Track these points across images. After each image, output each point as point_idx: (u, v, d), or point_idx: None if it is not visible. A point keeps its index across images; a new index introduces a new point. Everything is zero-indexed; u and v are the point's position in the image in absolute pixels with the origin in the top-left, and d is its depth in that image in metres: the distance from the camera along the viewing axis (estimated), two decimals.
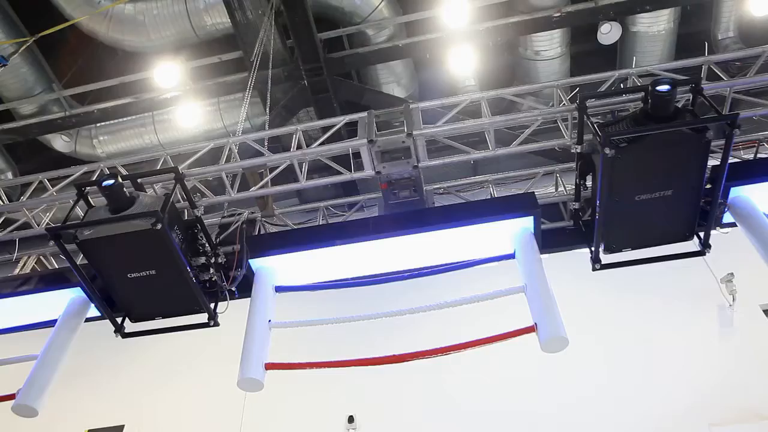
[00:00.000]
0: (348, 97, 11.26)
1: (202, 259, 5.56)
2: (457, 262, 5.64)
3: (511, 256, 5.28)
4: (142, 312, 5.58)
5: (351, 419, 9.07)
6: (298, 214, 8.14)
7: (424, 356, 4.53)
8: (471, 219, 5.42)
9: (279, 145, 9.68)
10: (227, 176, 6.36)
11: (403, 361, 4.69)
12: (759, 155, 6.95)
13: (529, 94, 6.44)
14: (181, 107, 11.29)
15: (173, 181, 5.45)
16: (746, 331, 9.05)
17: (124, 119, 11.93)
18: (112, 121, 11.96)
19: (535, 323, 4.53)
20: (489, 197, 6.79)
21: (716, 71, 6.27)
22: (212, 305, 5.60)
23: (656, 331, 9.11)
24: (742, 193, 5.42)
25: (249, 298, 5.50)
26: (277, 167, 6.47)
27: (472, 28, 10.68)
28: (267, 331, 5.13)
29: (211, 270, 5.61)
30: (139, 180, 5.59)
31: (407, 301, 5.25)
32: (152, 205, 5.01)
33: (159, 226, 4.76)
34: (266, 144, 6.62)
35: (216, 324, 5.62)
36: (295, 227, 7.17)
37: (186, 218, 5.70)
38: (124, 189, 5.04)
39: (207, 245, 5.67)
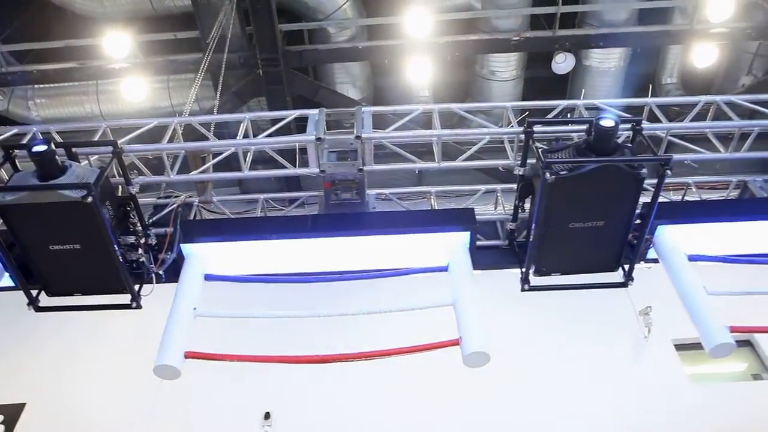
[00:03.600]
0: (302, 92, 11.18)
1: (132, 239, 5.38)
2: (391, 269, 5.66)
3: (444, 269, 5.35)
4: (60, 286, 5.34)
5: (267, 416, 8.98)
6: (237, 203, 7.97)
7: (348, 359, 4.53)
8: (409, 228, 5.47)
9: (226, 131, 9.52)
10: (168, 157, 6.18)
11: (325, 362, 4.68)
12: (686, 198, 7.30)
13: (480, 112, 6.56)
14: (128, 80, 10.91)
15: (110, 154, 5.25)
16: (657, 363, 9.49)
17: (66, 84, 11.46)
18: (52, 85, 11.45)
19: (460, 337, 4.61)
20: (429, 209, 6.85)
21: (657, 113, 6.55)
22: (136, 287, 5.42)
23: (574, 355, 9.44)
24: (667, 232, 5.67)
25: (176, 284, 5.36)
26: (221, 154, 6.34)
27: (433, 40, 10.80)
28: (191, 318, 5.00)
29: (140, 251, 5.43)
30: (73, 149, 5.35)
31: (338, 303, 5.25)
32: (85, 177, 4.80)
33: (90, 200, 4.57)
34: (212, 129, 6.48)
35: (138, 306, 5.44)
36: (233, 216, 7.03)
37: (120, 195, 5.50)
38: (57, 156, 4.82)
39: (138, 225, 5.48)
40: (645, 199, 5.27)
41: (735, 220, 5.83)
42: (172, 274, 5.57)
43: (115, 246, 5.03)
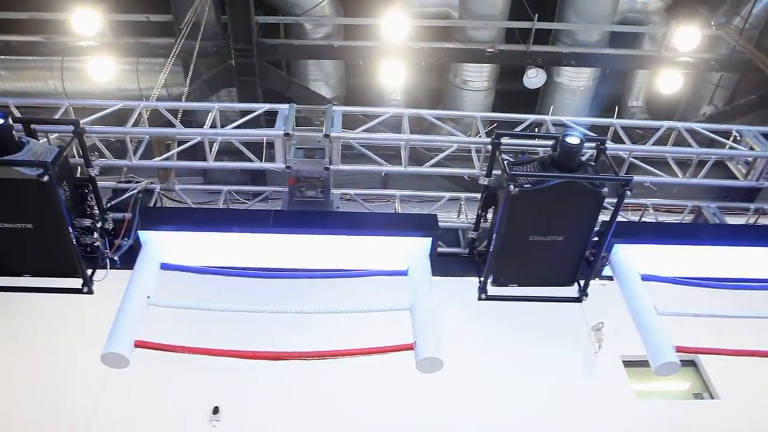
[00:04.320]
0: (273, 86, 11.09)
1: (88, 222, 5.24)
2: (351, 270, 5.65)
3: (404, 273, 5.37)
4: (8, 266, 5.16)
5: (216, 410, 8.86)
6: (200, 193, 7.86)
7: (301, 358, 4.50)
8: (372, 230, 5.47)
9: (193, 119, 9.39)
10: (132, 141, 6.06)
11: (279, 360, 4.65)
12: (644, 219, 7.49)
13: (450, 120, 6.62)
14: (95, 59, 10.65)
15: (71, 134, 5.11)
16: (605, 378, 9.70)
17: (30, 58, 11.11)
18: (14, 57, 11.08)
19: (415, 342, 4.63)
20: (393, 212, 6.87)
21: (621, 134, 6.71)
22: (89, 271, 5.29)
23: (526, 366, 9.58)
24: (623, 251, 5.80)
25: (131, 271, 5.24)
26: (187, 142, 6.25)
27: (408, 45, 10.85)
28: (144, 307, 4.90)
29: (95, 234, 5.30)
30: (32, 125, 5.19)
31: (296, 300, 5.21)
32: (43, 155, 4.67)
33: (46, 179, 4.44)
34: (179, 116, 6.38)
35: (90, 291, 5.31)
36: (194, 206, 6.93)
37: (78, 176, 5.36)
38: (14, 132, 4.67)
39: (96, 208, 5.35)
40: (604, 217, 5.39)
41: (688, 243, 5.99)
42: (128, 261, 5.44)
43: (70, 228, 4.90)
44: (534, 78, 11.32)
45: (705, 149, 6.66)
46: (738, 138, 6.87)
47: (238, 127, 6.16)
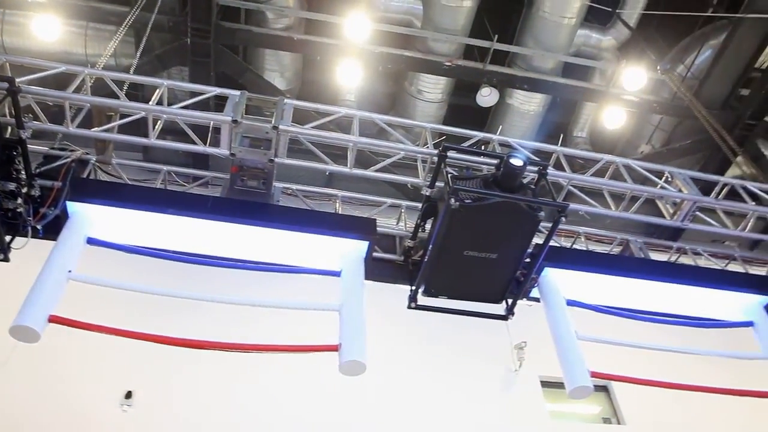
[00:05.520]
0: (227, 70, 10.88)
1: (12, 186, 5.00)
2: (285, 266, 5.60)
3: (337, 274, 5.35)
4: None
5: (129, 395, 8.58)
6: (138, 170, 7.60)
7: (223, 348, 4.42)
8: (310, 227, 5.44)
9: (139, 94, 9.10)
10: (70, 107, 5.81)
11: (200, 348, 4.55)
12: (575, 246, 7.74)
13: (400, 127, 6.65)
14: (41, 17, 10.15)
15: (5, 91, 4.85)
16: (522, 396, 9.94)
17: None
18: None
19: (340, 343, 4.62)
20: (333, 212, 6.85)
21: (563, 162, 6.91)
22: (8, 238, 5.04)
23: (447, 378, 9.71)
24: (552, 275, 5.97)
25: (54, 242, 5.02)
26: (130, 116, 6.04)
27: (368, 48, 10.86)
28: (63, 281, 4.70)
29: (19, 200, 5.06)
30: None
31: (226, 290, 5.11)
32: None
33: None
34: (125, 88, 6.16)
35: (5, 259, 5.07)
36: (130, 182, 6.70)
37: (7, 137, 5.10)
38: None
39: (23, 172, 5.11)
40: (537, 240, 5.54)
41: (614, 274, 6.23)
42: (52, 231, 5.22)
43: None
44: (487, 97, 11.54)
45: (638, 186, 6.95)
46: (669, 179, 7.21)
47: (185, 107, 6.00)
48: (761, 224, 7.93)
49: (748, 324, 6.36)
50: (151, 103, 5.98)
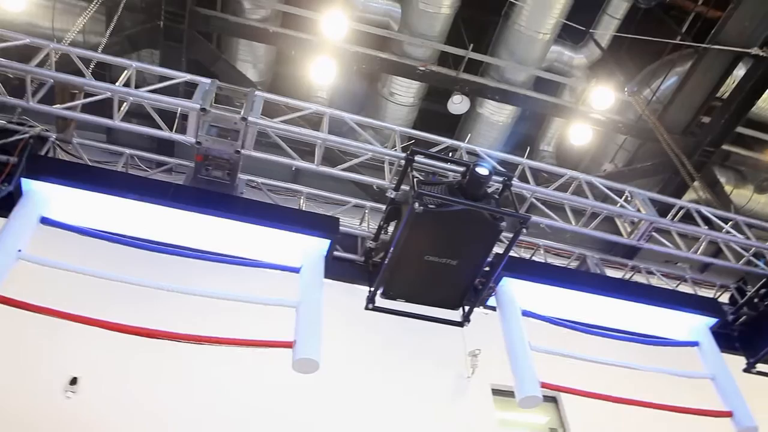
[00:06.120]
0: (200, 57, 10.71)
1: None
2: (244, 259, 5.54)
3: (297, 270, 5.32)
4: None
5: (74, 381, 8.35)
6: (100, 152, 7.42)
7: (174, 338, 4.35)
8: (273, 222, 5.38)
9: (107, 74, 8.86)
10: (32, 81, 5.64)
11: (152, 337, 4.46)
12: (534, 258, 7.86)
13: (370, 128, 6.66)
14: None
15: None
16: (473, 403, 10.04)
17: None
18: None
19: (295, 340, 4.60)
20: (296, 208, 6.80)
21: (527, 174, 7.02)
22: None
23: (399, 381, 9.74)
24: (510, 285, 6.05)
25: (5, 219, 4.86)
26: (95, 95, 5.90)
27: (344, 47, 10.84)
28: (12, 259, 4.55)
29: None
30: None
31: (182, 279, 5.02)
32: None
33: None
34: (92, 67, 6.01)
35: None
36: (91, 164, 6.54)
37: None
38: None
39: None
40: (498, 249, 5.61)
41: (570, 287, 6.35)
42: (5, 208, 5.05)
43: None
44: (458, 104, 11.63)
45: (599, 203, 7.10)
46: (629, 198, 7.38)
47: (154, 91, 5.89)
48: (712, 248, 8.18)
49: (694, 344, 6.55)
50: (118, 84, 5.85)
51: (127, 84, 5.90)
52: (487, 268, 5.74)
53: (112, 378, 8.56)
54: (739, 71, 11.35)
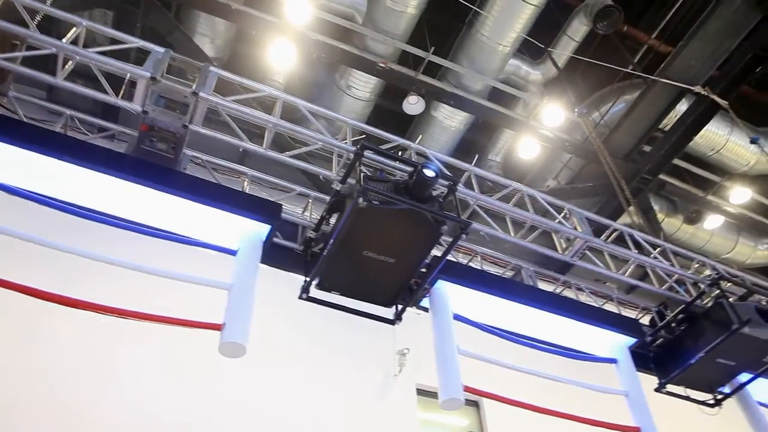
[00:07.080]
0: (156, 25, 10.38)
1: None
2: (181, 236, 5.43)
3: (233, 253, 5.24)
4: None
5: None
6: (38, 109, 7.11)
7: (99, 311, 4.21)
8: (214, 201, 5.28)
9: (53, 29, 8.50)
10: None
11: (73, 307, 4.30)
12: (471, 264, 8.00)
13: (323, 118, 6.60)
14: None
15: None
16: (396, 401, 10.12)
17: None
18: None
19: (224, 323, 4.53)
20: (239, 190, 6.70)
21: (473, 181, 7.12)
22: None
23: (327, 372, 9.70)
24: (444, 288, 6.14)
25: None
26: (39, 49, 5.64)
27: (306, 33, 10.73)
28: None
29: None
30: None
31: (114, 250, 4.86)
32: None
33: None
34: (38, 19, 5.75)
35: None
36: (26, 120, 6.25)
37: None
38: None
39: None
40: (436, 252, 5.67)
41: (503, 296, 6.49)
42: None
43: None
44: (413, 105, 11.70)
45: (539, 217, 7.28)
46: (568, 215, 7.61)
47: (103, 53, 5.68)
48: (640, 271, 8.53)
49: (612, 361, 6.83)
50: (65, 40, 5.61)
51: (74, 42, 5.66)
52: (423, 270, 5.79)
53: (26, 347, 8.19)
54: (682, 106, 11.86)
